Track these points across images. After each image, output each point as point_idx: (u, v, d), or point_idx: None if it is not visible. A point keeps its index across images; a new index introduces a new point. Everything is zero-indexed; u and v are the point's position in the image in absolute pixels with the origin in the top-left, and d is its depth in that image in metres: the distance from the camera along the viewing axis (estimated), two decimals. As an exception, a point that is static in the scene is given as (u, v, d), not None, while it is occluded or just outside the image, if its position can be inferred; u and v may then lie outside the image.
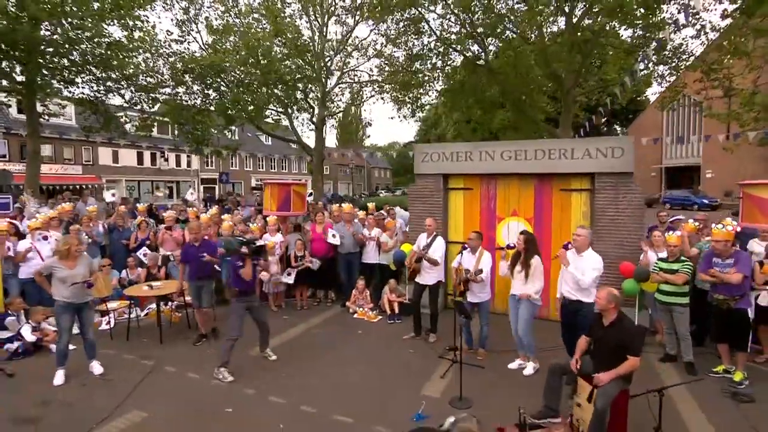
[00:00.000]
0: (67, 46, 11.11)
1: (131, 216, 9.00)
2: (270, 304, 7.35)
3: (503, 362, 5.01)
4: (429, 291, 5.74)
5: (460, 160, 6.81)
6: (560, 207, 6.40)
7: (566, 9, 13.15)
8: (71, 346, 5.13)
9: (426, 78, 16.73)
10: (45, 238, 6.41)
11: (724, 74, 13.70)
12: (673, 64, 15.02)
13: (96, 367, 4.73)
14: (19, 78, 11.88)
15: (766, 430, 3.74)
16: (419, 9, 14.42)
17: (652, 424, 3.47)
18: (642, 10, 11.78)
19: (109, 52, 13.02)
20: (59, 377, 4.47)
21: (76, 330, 4.75)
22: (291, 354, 5.44)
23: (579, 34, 13.19)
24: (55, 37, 10.98)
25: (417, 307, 5.85)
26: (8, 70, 11.71)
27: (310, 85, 18.60)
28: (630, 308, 5.71)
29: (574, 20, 13.29)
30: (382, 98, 19.78)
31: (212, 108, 15.81)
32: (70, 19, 11.11)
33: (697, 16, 12.61)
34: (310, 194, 26.67)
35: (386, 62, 18.27)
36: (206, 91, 16.14)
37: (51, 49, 10.99)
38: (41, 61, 11.04)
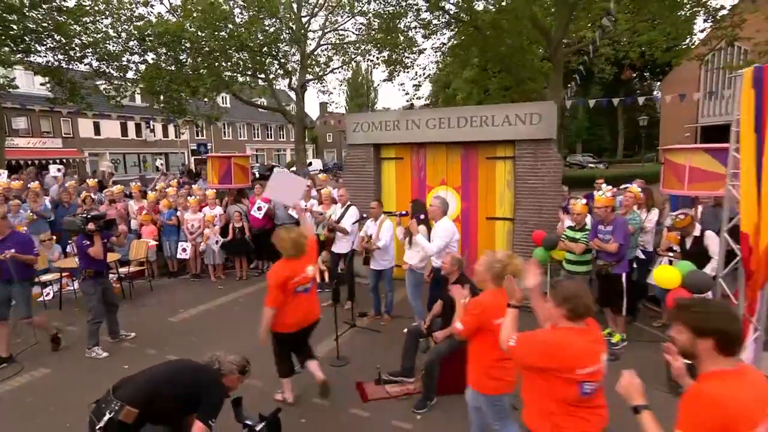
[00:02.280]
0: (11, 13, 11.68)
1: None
2: (211, 275, 8.12)
3: (402, 326, 5.63)
4: (343, 259, 6.35)
5: (389, 130, 7.25)
6: (485, 175, 6.84)
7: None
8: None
9: (403, 40, 16.86)
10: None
11: (732, 22, 13.49)
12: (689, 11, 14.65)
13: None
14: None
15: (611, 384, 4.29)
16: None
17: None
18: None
19: (68, 18, 13.64)
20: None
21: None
22: (208, 320, 6.21)
23: None
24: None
25: (334, 276, 6.47)
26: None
27: (288, 48, 18.91)
28: (542, 276, 6.24)
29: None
30: (367, 59, 19.97)
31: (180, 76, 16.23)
32: None
33: None
34: (293, 164, 27.09)
35: (372, 19, 18.38)
36: (178, 58, 16.63)
37: None
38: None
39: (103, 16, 15.53)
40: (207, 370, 2.66)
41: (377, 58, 18.45)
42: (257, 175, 25.42)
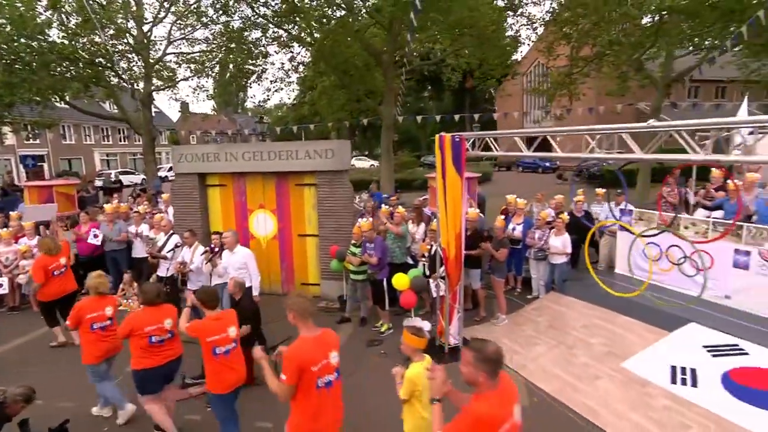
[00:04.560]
0: None
1: None
2: (32, 305, 8.02)
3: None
4: (166, 281, 7.01)
5: (211, 161, 8.01)
6: (296, 200, 8.01)
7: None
8: None
9: (254, 53, 17.47)
10: None
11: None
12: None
13: None
14: None
15: (366, 359, 5.77)
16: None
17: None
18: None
19: None
20: None
21: None
22: (26, 351, 6.42)
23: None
24: None
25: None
26: None
27: (130, 57, 18.17)
28: (340, 281, 7.64)
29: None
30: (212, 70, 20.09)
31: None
32: None
33: None
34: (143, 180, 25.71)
35: (218, 32, 18.49)
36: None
37: None
38: None
39: None
40: None
41: (225, 68, 18.65)
42: (102, 185, 23.66)
